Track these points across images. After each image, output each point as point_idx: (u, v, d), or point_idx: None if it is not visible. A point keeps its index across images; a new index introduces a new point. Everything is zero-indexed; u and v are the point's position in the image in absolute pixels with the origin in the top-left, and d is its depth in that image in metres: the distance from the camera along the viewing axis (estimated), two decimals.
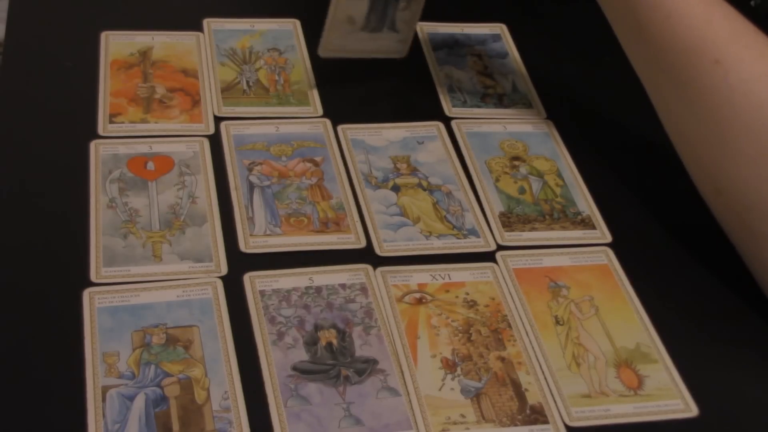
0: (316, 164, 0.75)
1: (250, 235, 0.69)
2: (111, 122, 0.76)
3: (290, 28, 0.88)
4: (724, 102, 0.67)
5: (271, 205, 0.71)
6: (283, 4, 0.91)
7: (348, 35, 0.79)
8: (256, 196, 0.72)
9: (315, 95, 0.81)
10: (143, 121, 0.77)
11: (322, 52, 0.80)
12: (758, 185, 0.67)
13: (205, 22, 0.86)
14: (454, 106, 0.82)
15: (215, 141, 0.76)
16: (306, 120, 0.79)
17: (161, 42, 0.84)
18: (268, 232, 0.69)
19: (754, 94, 0.66)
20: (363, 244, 0.69)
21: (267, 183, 0.73)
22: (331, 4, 0.77)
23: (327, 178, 0.74)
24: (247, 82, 0.81)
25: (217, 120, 0.78)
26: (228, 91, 0.80)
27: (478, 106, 0.82)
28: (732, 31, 0.68)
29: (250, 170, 0.74)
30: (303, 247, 0.69)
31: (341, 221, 0.71)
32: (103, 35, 0.84)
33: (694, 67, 0.68)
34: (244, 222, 0.70)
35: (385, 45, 0.81)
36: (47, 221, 0.69)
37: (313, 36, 0.86)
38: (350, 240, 0.70)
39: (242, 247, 0.68)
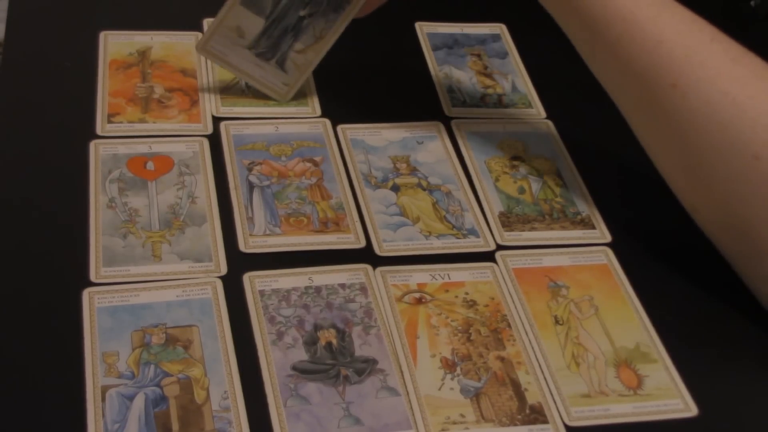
0: (316, 164, 0.75)
1: (250, 235, 0.69)
2: (109, 122, 0.76)
3: None
4: (688, 126, 0.65)
5: (270, 205, 0.71)
6: None
7: (232, 46, 0.77)
8: (256, 196, 0.72)
9: (313, 96, 0.81)
10: (141, 121, 0.77)
11: (198, 48, 0.78)
12: (731, 206, 0.65)
13: (205, 22, 0.86)
14: (453, 105, 0.82)
15: (214, 141, 0.76)
16: (306, 120, 0.79)
17: (160, 42, 0.84)
18: (267, 232, 0.69)
19: (717, 115, 0.64)
20: (363, 244, 0.69)
21: (267, 183, 0.73)
22: (224, 6, 0.75)
23: (327, 178, 0.74)
24: (246, 83, 0.81)
25: (216, 120, 0.78)
26: (227, 91, 0.80)
27: (478, 106, 0.82)
28: (685, 49, 0.65)
29: (250, 170, 0.74)
30: (302, 247, 0.69)
31: (341, 221, 0.71)
32: (102, 35, 0.84)
33: (653, 92, 0.66)
34: (244, 222, 0.70)
35: (268, 79, 0.79)
36: (47, 221, 0.68)
37: None
38: (350, 240, 0.70)
39: (242, 247, 0.68)
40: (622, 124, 0.73)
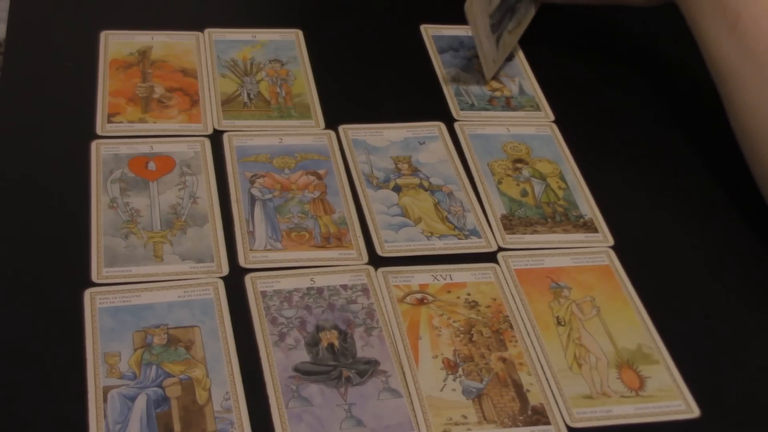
0: (320, 177, 0.74)
1: (250, 249, 0.68)
2: (109, 122, 0.76)
3: (292, 39, 0.86)
4: None
5: (272, 219, 0.70)
6: (285, 14, 0.90)
7: (480, 13, 0.77)
8: (258, 210, 0.71)
9: (317, 109, 0.80)
10: (141, 120, 0.77)
11: (466, 8, 0.78)
12: None
13: (207, 32, 0.85)
14: (462, 109, 0.82)
15: (214, 142, 0.76)
16: (310, 132, 0.78)
17: (161, 42, 0.84)
18: (268, 247, 0.68)
19: None
20: (365, 260, 0.68)
21: (269, 196, 0.72)
22: None
23: (330, 192, 0.73)
24: (248, 95, 0.80)
25: (218, 132, 0.77)
26: (228, 103, 0.79)
27: (486, 109, 0.82)
28: None
29: (252, 183, 0.73)
30: (303, 263, 0.67)
31: (343, 236, 0.70)
32: (103, 35, 0.84)
33: None
34: (244, 236, 0.69)
35: (487, 52, 0.80)
36: (48, 221, 0.68)
37: (315, 47, 0.85)
38: (352, 256, 0.69)
39: (242, 262, 0.67)
40: (625, 127, 0.73)
